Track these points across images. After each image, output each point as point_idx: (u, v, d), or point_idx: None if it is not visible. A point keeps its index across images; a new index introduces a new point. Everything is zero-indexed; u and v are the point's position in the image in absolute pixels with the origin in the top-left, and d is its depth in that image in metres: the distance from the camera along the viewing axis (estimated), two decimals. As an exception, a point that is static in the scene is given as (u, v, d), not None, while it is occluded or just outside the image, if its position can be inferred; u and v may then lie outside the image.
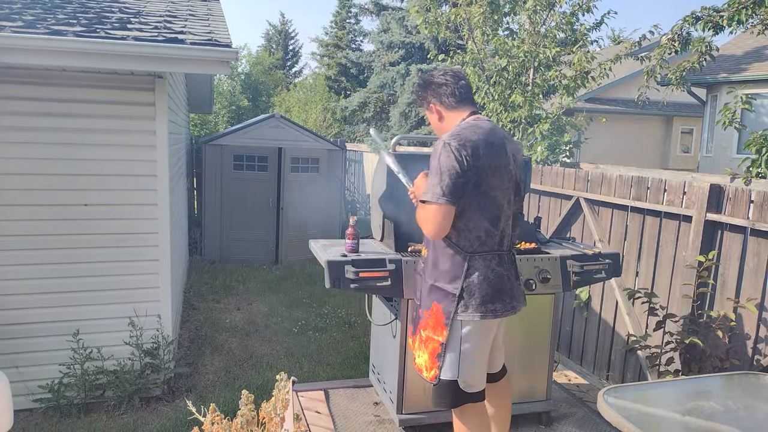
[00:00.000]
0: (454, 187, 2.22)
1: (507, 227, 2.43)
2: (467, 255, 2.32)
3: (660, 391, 2.42)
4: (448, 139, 2.27)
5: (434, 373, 2.41)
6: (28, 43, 3.48)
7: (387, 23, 19.65)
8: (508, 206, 2.40)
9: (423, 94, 2.56)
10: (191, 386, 4.65)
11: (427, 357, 2.44)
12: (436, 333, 2.38)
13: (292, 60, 37.23)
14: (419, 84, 2.59)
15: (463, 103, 2.47)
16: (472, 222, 2.31)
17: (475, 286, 2.32)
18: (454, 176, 2.22)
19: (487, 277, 2.33)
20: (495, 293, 2.34)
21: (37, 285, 4.13)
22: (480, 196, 2.29)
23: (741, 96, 4.91)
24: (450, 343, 2.36)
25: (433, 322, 2.40)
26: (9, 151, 3.99)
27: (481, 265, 2.33)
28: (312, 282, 7.93)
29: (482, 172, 2.27)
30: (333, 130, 24.16)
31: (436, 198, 2.22)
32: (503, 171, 2.36)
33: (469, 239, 2.32)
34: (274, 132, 8.97)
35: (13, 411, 1.65)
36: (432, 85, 2.50)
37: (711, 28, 6.47)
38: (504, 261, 2.41)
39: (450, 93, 2.45)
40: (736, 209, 3.51)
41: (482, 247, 2.34)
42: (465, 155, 2.23)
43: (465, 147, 2.24)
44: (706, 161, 13.64)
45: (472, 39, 7.52)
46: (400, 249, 3.05)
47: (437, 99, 2.49)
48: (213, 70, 3.94)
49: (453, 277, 2.34)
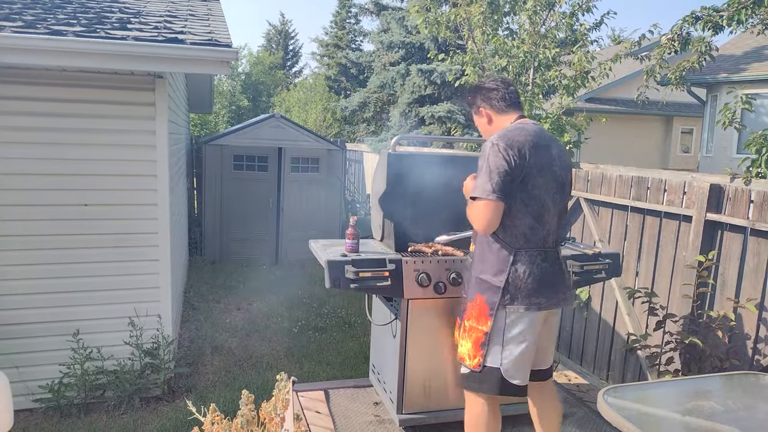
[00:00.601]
0: (502, 184, 2.35)
1: (551, 225, 2.52)
2: (512, 250, 2.44)
3: (660, 391, 2.42)
4: (496, 141, 2.41)
5: (478, 360, 2.50)
6: (28, 43, 3.48)
7: (387, 23, 19.64)
8: (552, 205, 2.51)
9: (473, 99, 2.70)
10: (191, 386, 4.65)
11: (471, 346, 2.53)
12: (480, 323, 2.49)
13: (292, 60, 37.23)
14: (470, 89, 2.78)
15: (512, 108, 2.62)
16: (518, 219, 2.43)
17: (520, 279, 2.42)
18: (502, 174, 2.35)
19: (532, 272, 2.44)
20: (539, 287, 2.44)
21: (37, 285, 4.13)
22: (525, 194, 2.41)
23: (741, 96, 4.91)
24: (494, 332, 2.46)
25: (476, 313, 2.50)
26: (9, 151, 3.99)
27: (525, 260, 2.44)
28: (312, 282, 7.93)
29: (528, 171, 2.39)
30: (333, 130, 24.15)
31: (486, 194, 2.35)
32: (548, 171, 2.47)
33: (515, 235, 2.44)
34: (274, 132, 8.97)
35: (13, 411, 1.65)
36: (483, 89, 2.65)
37: (711, 28, 6.47)
38: (548, 257, 2.51)
39: (500, 97, 2.60)
40: (736, 209, 3.51)
41: (527, 243, 2.45)
42: (512, 155, 2.36)
43: (512, 147, 2.38)
44: (706, 161, 13.64)
45: (472, 39, 7.52)
46: (400, 249, 3.06)
47: (487, 103, 2.63)
48: (213, 70, 3.94)
49: (498, 270, 2.45)
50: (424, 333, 3.00)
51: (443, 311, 3.01)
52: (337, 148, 9.47)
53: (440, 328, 3.01)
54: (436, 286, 2.92)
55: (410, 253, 3.00)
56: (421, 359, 3.01)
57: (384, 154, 3.20)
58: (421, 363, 3.02)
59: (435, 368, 3.05)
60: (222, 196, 8.75)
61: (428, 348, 3.02)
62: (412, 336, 2.97)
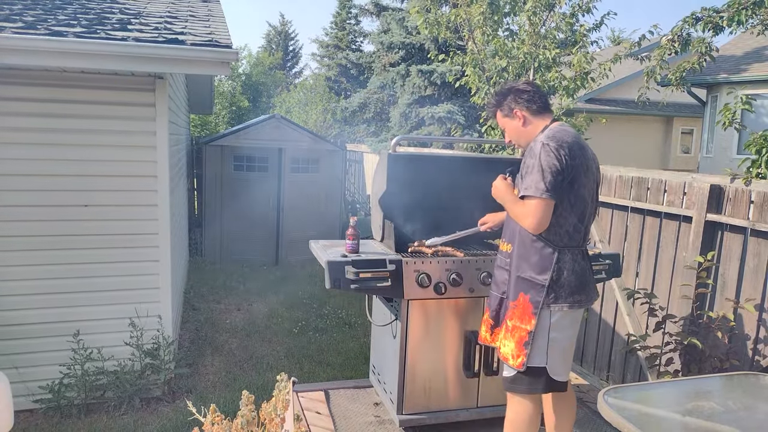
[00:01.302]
0: (555, 183, 2.37)
1: (589, 224, 2.58)
2: (557, 248, 2.45)
3: (660, 392, 2.42)
4: (546, 141, 2.43)
5: (521, 360, 2.48)
6: (29, 44, 3.48)
7: (387, 24, 19.64)
8: (591, 204, 2.56)
9: (504, 101, 2.66)
10: (191, 387, 4.65)
11: (514, 345, 2.50)
12: (524, 322, 2.48)
13: (293, 61, 37.24)
14: (499, 93, 2.71)
15: (547, 110, 2.64)
16: (563, 218, 2.44)
17: (564, 278, 2.45)
18: (555, 173, 2.37)
19: (575, 270, 2.47)
20: (580, 285, 2.48)
21: (37, 285, 4.14)
22: (572, 193, 2.44)
23: (741, 96, 4.90)
24: (538, 331, 2.45)
25: (520, 312, 2.50)
26: (9, 152, 4.00)
27: (569, 259, 2.47)
28: (312, 282, 7.93)
29: (576, 171, 2.43)
30: (333, 130, 24.14)
31: (540, 193, 2.36)
32: (589, 172, 2.53)
33: (559, 234, 2.46)
34: (275, 132, 8.97)
35: (13, 411, 1.66)
36: (516, 91, 2.63)
37: (711, 29, 6.47)
38: (585, 256, 2.56)
39: (536, 99, 2.61)
40: (736, 210, 3.51)
41: (570, 242, 2.48)
42: (563, 154, 2.39)
43: (563, 147, 2.41)
44: (706, 162, 13.64)
45: (472, 39, 7.53)
46: (401, 249, 3.06)
47: (522, 105, 2.61)
48: (213, 70, 3.94)
49: (542, 269, 2.45)
50: (425, 333, 3.00)
51: (443, 312, 3.01)
52: (337, 148, 9.48)
53: (440, 328, 3.02)
54: (436, 286, 2.93)
55: (410, 253, 3.01)
56: (421, 360, 3.01)
57: (384, 154, 3.20)
58: (421, 363, 3.02)
59: (435, 369, 3.05)
60: (222, 197, 8.75)
61: (428, 348, 3.02)
62: (413, 337, 2.98)
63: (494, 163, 2.98)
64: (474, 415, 3.13)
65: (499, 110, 2.70)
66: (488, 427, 3.11)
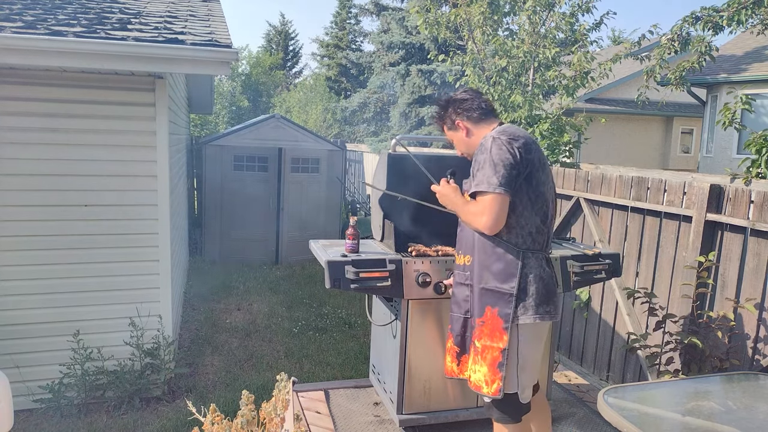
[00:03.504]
0: (509, 177, 2.18)
1: (551, 227, 2.39)
2: (520, 252, 2.25)
3: (660, 391, 2.42)
4: (497, 135, 2.26)
5: (497, 386, 2.24)
6: (29, 44, 3.48)
7: (387, 24, 19.64)
8: (552, 205, 2.38)
9: (445, 114, 2.53)
10: (191, 386, 4.65)
11: (487, 369, 2.27)
12: (494, 339, 2.26)
13: (293, 60, 37.24)
14: (440, 105, 2.57)
15: (489, 116, 2.47)
16: (524, 218, 2.25)
17: (531, 285, 2.24)
18: (508, 167, 2.18)
19: (542, 276, 2.26)
20: (547, 294, 2.27)
21: (37, 285, 4.13)
22: (531, 190, 2.25)
23: (741, 96, 4.91)
24: (511, 348, 2.24)
25: (489, 329, 2.27)
26: (9, 151, 3.99)
27: (534, 264, 2.27)
28: (312, 282, 7.93)
29: (533, 166, 2.25)
30: (333, 130, 24.16)
31: (493, 188, 2.16)
32: (546, 168, 2.35)
33: (522, 235, 2.26)
34: (275, 132, 8.98)
35: (13, 411, 1.66)
36: (455, 102, 2.50)
37: (711, 29, 6.48)
38: (549, 263, 2.36)
39: (476, 107, 2.45)
40: (736, 209, 3.51)
41: (534, 245, 2.28)
42: (517, 147, 2.21)
43: (516, 140, 2.24)
44: (706, 161, 13.64)
45: (472, 39, 7.53)
46: (401, 249, 3.05)
47: (463, 115, 2.47)
48: (213, 70, 3.94)
49: (507, 275, 2.25)
50: (424, 333, 3.00)
51: (443, 311, 3.01)
52: (337, 148, 9.48)
53: (440, 328, 3.01)
54: (436, 286, 2.92)
55: (410, 253, 3.00)
56: (421, 359, 3.01)
57: (384, 154, 3.20)
58: (421, 363, 3.02)
59: (435, 368, 3.05)
60: (222, 197, 8.75)
61: (428, 348, 3.02)
62: (412, 336, 2.98)
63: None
64: (474, 415, 3.13)
65: (444, 124, 2.57)
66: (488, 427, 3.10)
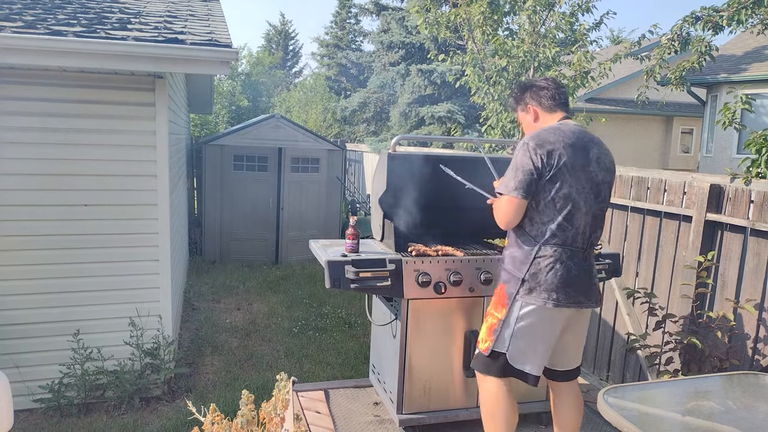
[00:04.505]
0: (526, 183, 2.41)
1: (584, 226, 2.51)
2: (536, 244, 2.47)
3: (660, 391, 2.42)
4: (528, 140, 2.48)
5: (487, 345, 2.57)
6: (29, 44, 3.48)
7: (387, 23, 19.64)
8: (584, 205, 2.49)
9: (521, 95, 2.73)
10: (191, 386, 4.65)
11: (485, 330, 2.61)
12: (497, 310, 2.56)
13: (293, 60, 37.25)
14: (519, 85, 2.78)
15: (560, 108, 2.65)
16: (545, 215, 2.46)
17: (540, 273, 2.45)
18: (527, 173, 2.41)
19: (554, 267, 2.45)
20: (560, 284, 2.44)
21: (37, 285, 4.13)
22: (555, 192, 2.44)
23: (741, 96, 4.91)
24: (506, 320, 2.51)
25: (496, 300, 2.58)
26: (9, 151, 3.99)
27: (549, 255, 2.46)
28: (312, 282, 7.93)
29: (558, 170, 2.42)
30: (333, 130, 24.15)
31: (509, 191, 2.45)
32: (582, 172, 2.47)
33: (541, 230, 2.47)
34: (274, 132, 8.98)
35: (13, 411, 1.66)
36: (534, 87, 2.69)
37: (711, 28, 6.47)
38: (576, 257, 2.50)
39: (550, 96, 2.64)
40: (736, 209, 3.51)
41: (553, 239, 2.46)
42: (540, 154, 2.41)
43: (542, 146, 2.43)
44: (706, 161, 13.64)
45: (472, 39, 7.53)
46: (401, 249, 3.05)
47: (536, 101, 2.67)
48: (213, 70, 3.94)
49: (521, 262, 2.50)
50: (424, 333, 3.00)
51: (443, 311, 3.01)
52: (337, 148, 9.47)
53: (440, 328, 3.02)
54: (436, 286, 2.92)
55: (410, 253, 3.00)
56: (421, 359, 3.01)
57: (384, 154, 3.20)
58: (421, 363, 3.02)
59: (435, 368, 3.05)
60: (222, 196, 8.75)
61: (428, 348, 3.02)
62: (412, 336, 2.97)
63: (494, 162, 2.96)
64: (474, 415, 3.12)
65: (518, 104, 2.77)
66: (488, 426, 3.11)
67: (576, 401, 2.72)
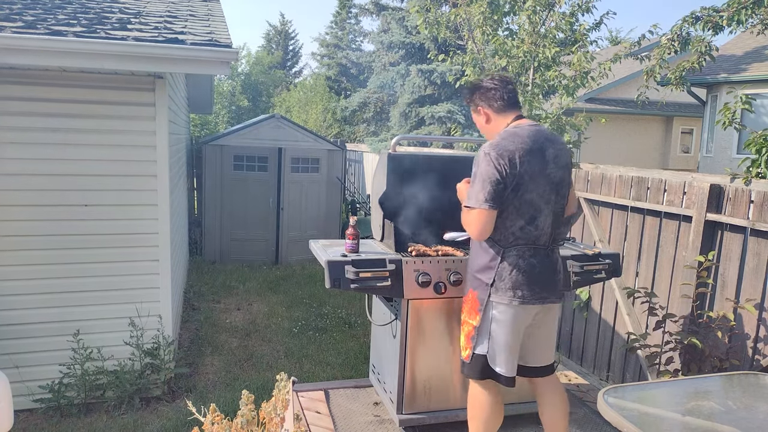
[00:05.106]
0: (495, 193, 2.43)
1: (545, 225, 2.55)
2: (501, 249, 2.51)
3: (660, 391, 2.42)
4: (489, 150, 2.47)
5: (468, 352, 2.62)
6: (29, 44, 3.48)
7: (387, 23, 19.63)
8: (546, 206, 2.53)
9: (471, 97, 2.72)
10: (191, 386, 4.65)
11: (463, 338, 2.65)
12: (471, 317, 2.59)
13: (292, 60, 37.23)
14: (468, 87, 2.76)
15: (510, 108, 2.64)
16: (509, 221, 2.49)
17: (505, 272, 2.50)
18: (494, 183, 2.42)
19: (518, 265, 2.50)
20: (524, 281, 2.49)
21: (37, 285, 4.13)
22: (517, 199, 2.47)
23: (741, 96, 4.91)
24: (482, 326, 2.56)
25: (468, 308, 2.62)
26: (9, 151, 3.99)
27: (513, 255, 2.51)
28: (312, 282, 7.93)
29: (520, 178, 2.45)
30: (333, 130, 24.15)
31: (479, 204, 2.44)
32: (540, 176, 2.50)
33: (505, 234, 2.51)
34: (274, 132, 8.98)
35: (13, 411, 1.66)
36: (481, 89, 2.66)
37: (711, 28, 6.47)
38: (538, 253, 2.54)
39: (498, 97, 2.61)
40: (736, 209, 3.51)
41: (517, 241, 2.51)
42: (503, 164, 2.42)
43: (503, 156, 2.43)
44: (706, 161, 13.64)
45: (472, 39, 7.52)
46: (401, 249, 3.05)
47: (486, 102, 2.64)
48: (213, 70, 3.95)
49: (487, 267, 2.54)
50: (424, 333, 3.00)
51: (443, 311, 3.01)
52: (337, 148, 9.47)
53: (440, 328, 3.01)
54: (436, 286, 2.92)
55: (410, 253, 3.00)
56: (421, 359, 3.01)
57: (384, 154, 3.20)
58: (421, 363, 3.02)
59: (435, 368, 3.05)
60: (222, 197, 8.75)
61: (428, 348, 3.02)
62: (412, 336, 2.97)
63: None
64: (474, 415, 3.12)
65: (469, 106, 2.76)
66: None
67: (557, 398, 2.71)
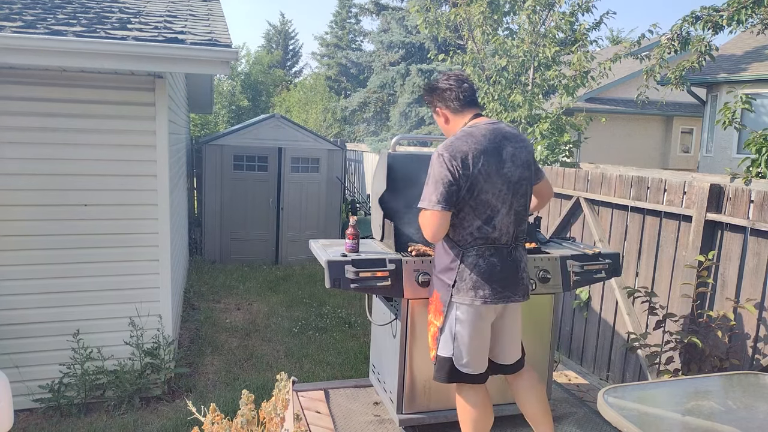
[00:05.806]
0: (447, 194, 2.42)
1: (504, 225, 2.53)
2: (461, 250, 2.51)
3: (660, 391, 2.42)
4: (442, 151, 2.46)
5: (433, 353, 2.65)
6: (28, 44, 3.48)
7: (387, 23, 19.66)
8: (503, 206, 2.51)
9: (429, 99, 2.73)
10: (191, 386, 4.65)
11: (429, 339, 2.69)
12: (436, 318, 2.61)
13: (292, 60, 37.25)
14: (425, 89, 2.77)
15: (467, 107, 2.62)
16: (466, 221, 2.50)
17: (466, 273, 2.50)
18: (447, 185, 2.42)
19: (478, 264, 2.49)
20: (485, 280, 2.49)
21: (37, 285, 4.13)
22: (473, 200, 2.46)
23: (741, 96, 4.91)
24: (445, 326, 2.57)
25: (433, 309, 2.64)
26: (9, 151, 3.99)
27: (473, 255, 2.50)
28: (312, 282, 7.93)
29: (474, 178, 2.43)
30: (333, 130, 24.16)
31: (432, 206, 2.43)
32: (496, 176, 2.48)
33: (463, 235, 2.51)
34: (274, 132, 8.98)
35: (13, 411, 1.66)
36: (437, 90, 2.66)
37: (710, 28, 6.48)
38: (499, 252, 2.53)
39: (454, 97, 2.60)
40: (736, 209, 3.51)
41: (475, 242, 2.51)
42: (456, 165, 2.41)
43: (455, 158, 2.42)
44: (706, 161, 13.63)
45: (472, 39, 7.53)
46: (400, 249, 3.05)
47: (443, 103, 2.65)
48: (213, 70, 3.94)
49: (448, 268, 2.55)
50: (424, 333, 2.99)
51: (443, 311, 3.00)
52: (337, 148, 9.47)
53: (440, 328, 3.01)
54: (436, 286, 2.92)
55: (410, 253, 3.00)
56: (421, 359, 3.01)
57: (384, 154, 3.20)
58: (421, 363, 3.02)
59: (435, 368, 3.04)
60: (222, 196, 8.75)
61: (428, 348, 3.02)
62: (412, 336, 2.97)
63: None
64: (474, 415, 3.12)
65: (429, 107, 2.77)
66: (488, 426, 3.11)
67: (533, 392, 2.72)
